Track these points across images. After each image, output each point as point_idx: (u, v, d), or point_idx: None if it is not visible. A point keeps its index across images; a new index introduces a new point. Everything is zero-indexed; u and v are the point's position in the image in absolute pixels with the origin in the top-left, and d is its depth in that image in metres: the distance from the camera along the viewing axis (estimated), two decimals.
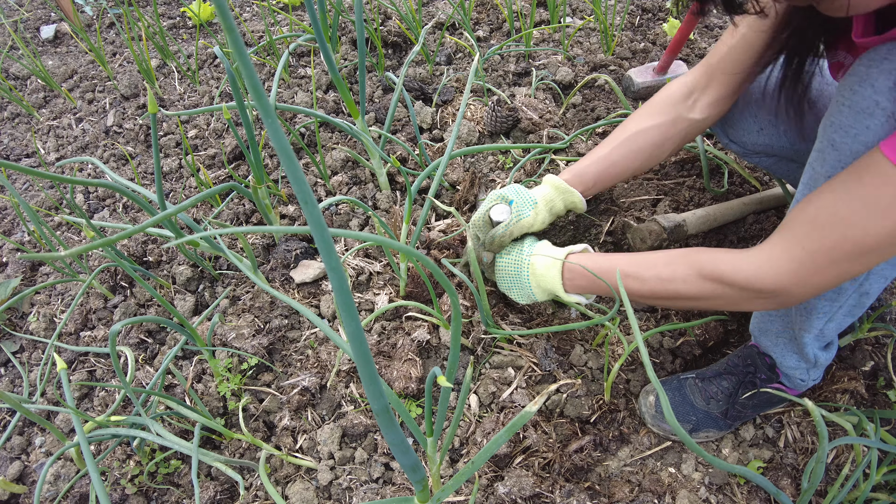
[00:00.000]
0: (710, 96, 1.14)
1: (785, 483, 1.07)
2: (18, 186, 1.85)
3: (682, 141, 1.19)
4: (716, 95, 1.13)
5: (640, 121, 1.18)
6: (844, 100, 0.75)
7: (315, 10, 1.12)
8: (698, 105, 1.15)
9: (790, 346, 1.02)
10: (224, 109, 1.09)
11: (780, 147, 1.16)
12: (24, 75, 2.21)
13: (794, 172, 1.22)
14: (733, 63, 1.07)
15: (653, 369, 0.75)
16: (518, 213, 1.14)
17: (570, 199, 1.19)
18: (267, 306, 1.36)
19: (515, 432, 0.87)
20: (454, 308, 0.59)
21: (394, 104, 1.44)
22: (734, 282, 0.85)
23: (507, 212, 1.16)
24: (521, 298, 1.16)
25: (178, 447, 1.01)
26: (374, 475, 1.10)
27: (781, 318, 1.01)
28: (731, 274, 0.85)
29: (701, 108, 1.15)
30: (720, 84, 1.12)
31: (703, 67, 1.13)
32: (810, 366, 1.03)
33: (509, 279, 1.16)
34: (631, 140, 1.17)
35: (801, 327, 0.96)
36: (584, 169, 1.20)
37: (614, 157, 1.18)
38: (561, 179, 1.19)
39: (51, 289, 1.52)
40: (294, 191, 0.34)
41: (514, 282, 1.15)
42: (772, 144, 1.17)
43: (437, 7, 2.17)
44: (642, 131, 1.17)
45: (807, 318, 0.94)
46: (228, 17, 0.27)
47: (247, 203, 1.59)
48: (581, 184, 1.19)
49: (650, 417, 1.14)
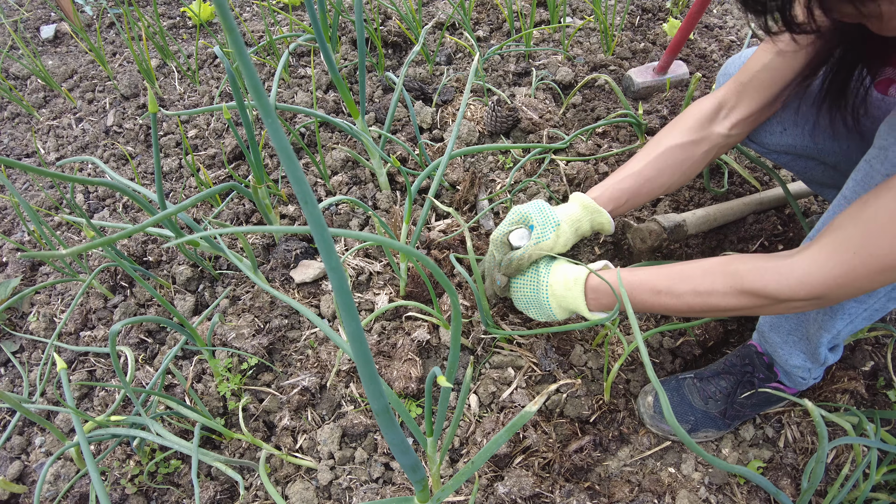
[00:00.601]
0: (739, 114, 1.10)
1: (785, 483, 1.07)
2: (18, 186, 1.85)
3: (713, 157, 1.16)
4: (746, 113, 1.09)
5: (675, 136, 1.13)
6: None
7: (315, 9, 1.12)
8: (727, 122, 1.11)
9: (800, 344, 1.01)
10: (224, 109, 1.09)
11: (804, 146, 1.13)
12: (24, 75, 2.21)
13: (811, 169, 1.19)
14: (765, 82, 1.03)
15: (653, 369, 0.75)
16: (538, 237, 1.08)
17: (599, 219, 1.13)
18: (267, 306, 1.36)
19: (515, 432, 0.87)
20: (454, 308, 0.59)
21: (394, 104, 1.44)
22: (778, 294, 0.82)
23: (527, 237, 1.10)
24: (541, 318, 1.12)
25: (178, 447, 1.01)
26: (374, 475, 1.10)
27: (796, 316, 0.99)
28: (775, 286, 0.82)
29: (730, 125, 1.11)
30: (751, 101, 1.07)
31: (734, 84, 1.09)
32: (816, 365, 1.02)
33: (526, 300, 1.11)
34: (665, 155, 1.12)
35: (820, 327, 0.94)
36: (615, 185, 1.14)
37: (648, 172, 1.13)
38: (590, 198, 1.13)
39: (51, 289, 1.52)
40: (294, 190, 0.34)
41: (532, 303, 1.10)
42: (794, 144, 1.13)
43: (437, 7, 2.17)
44: (678, 146, 1.12)
45: (831, 318, 0.92)
46: (229, 16, 0.27)
47: (247, 203, 1.59)
48: (612, 201, 1.13)
49: (649, 418, 1.14)
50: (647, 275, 0.97)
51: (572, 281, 1.03)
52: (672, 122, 1.17)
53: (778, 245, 1.39)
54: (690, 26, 1.59)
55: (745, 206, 1.43)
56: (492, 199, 1.53)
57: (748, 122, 1.11)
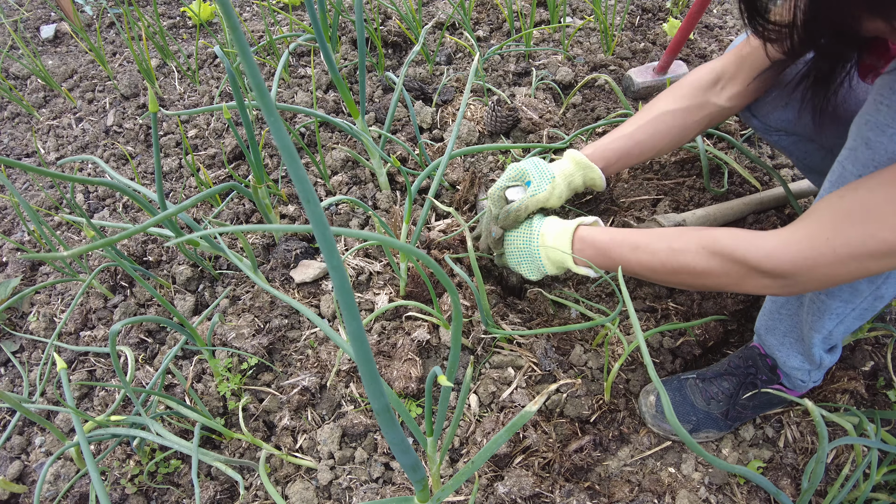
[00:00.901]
0: (738, 85, 1.11)
1: (785, 483, 1.07)
2: (18, 186, 1.85)
3: (706, 125, 1.18)
4: (744, 84, 1.11)
5: (668, 102, 1.16)
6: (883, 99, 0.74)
7: (315, 9, 1.12)
8: (725, 92, 1.13)
9: (796, 346, 1.02)
10: (224, 109, 1.09)
11: (804, 125, 1.13)
12: (24, 75, 2.21)
13: (812, 154, 1.20)
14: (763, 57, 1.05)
15: (654, 370, 0.75)
16: (534, 190, 1.13)
17: (590, 175, 1.18)
18: (267, 306, 1.36)
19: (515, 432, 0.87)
20: (455, 307, 0.59)
21: (394, 104, 1.44)
22: (746, 259, 0.84)
23: (523, 193, 1.15)
24: (532, 273, 1.15)
25: (178, 447, 1.01)
26: (374, 475, 1.10)
27: (790, 317, 1.00)
28: (744, 251, 0.84)
29: (728, 95, 1.13)
30: (749, 74, 1.09)
31: (734, 56, 1.11)
32: (814, 367, 1.03)
33: (519, 253, 1.15)
34: (657, 120, 1.16)
35: (811, 327, 0.95)
36: (606, 145, 1.18)
37: (639, 136, 1.17)
38: (582, 154, 1.17)
39: (51, 288, 1.52)
40: (296, 189, 0.34)
41: (525, 255, 1.14)
42: (795, 121, 1.14)
43: (437, 7, 2.17)
44: (669, 112, 1.15)
45: (819, 318, 0.93)
46: (232, 15, 0.27)
47: (247, 203, 1.59)
48: (603, 160, 1.17)
49: (650, 417, 1.14)
50: (630, 232, 1.01)
51: (562, 230, 1.07)
52: (670, 87, 1.20)
53: None
54: (690, 26, 1.59)
55: (745, 206, 1.43)
56: None
57: (745, 94, 1.12)
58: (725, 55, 1.13)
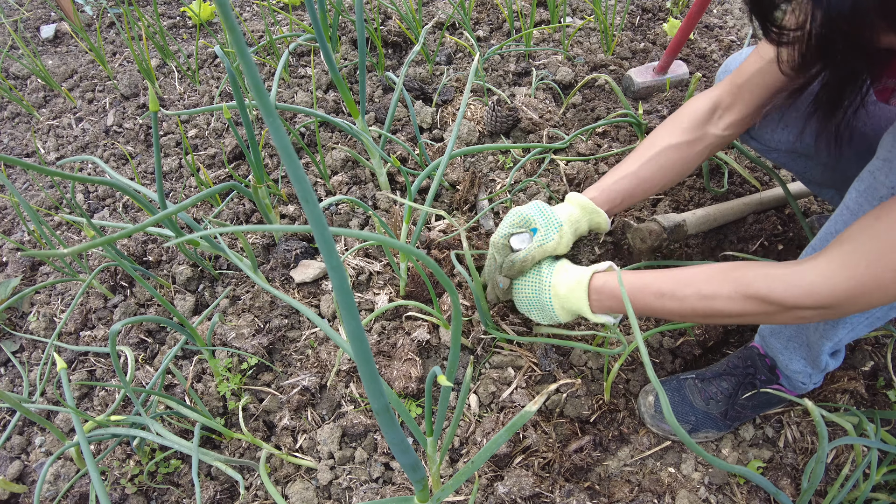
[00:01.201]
0: (734, 115, 1.10)
1: (785, 483, 1.07)
2: (18, 186, 1.85)
3: (707, 155, 1.16)
4: (740, 115, 1.09)
5: (668, 137, 1.14)
6: None
7: (315, 9, 1.12)
8: (722, 122, 1.11)
9: (800, 350, 1.01)
10: (224, 109, 1.09)
11: (804, 145, 1.12)
12: (24, 75, 2.21)
13: (810, 170, 1.19)
14: (759, 86, 1.03)
15: (653, 369, 0.75)
16: (541, 239, 1.07)
17: (596, 219, 1.14)
18: (267, 306, 1.36)
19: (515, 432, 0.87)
20: (455, 307, 0.59)
21: (394, 104, 1.44)
22: (783, 301, 0.80)
23: (528, 240, 1.10)
24: (543, 320, 1.11)
25: (178, 447, 1.01)
26: (374, 475, 1.10)
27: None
28: (781, 293, 0.81)
29: (725, 125, 1.11)
30: (745, 104, 1.07)
31: (729, 86, 1.09)
32: (817, 371, 1.02)
33: (529, 302, 1.10)
34: (661, 156, 1.13)
35: (822, 335, 0.94)
36: (611, 186, 1.14)
37: (643, 173, 1.13)
38: (587, 198, 1.13)
39: (51, 288, 1.52)
40: (295, 189, 0.34)
41: (535, 305, 1.10)
42: (793, 141, 1.13)
43: (437, 7, 2.17)
44: (672, 147, 1.12)
45: (833, 327, 0.92)
46: (230, 16, 0.27)
47: (247, 203, 1.59)
48: (608, 202, 1.14)
49: (649, 417, 1.14)
50: (652, 278, 0.95)
51: (575, 282, 1.02)
52: (667, 120, 1.18)
53: (778, 245, 1.39)
54: (690, 26, 1.59)
55: (745, 206, 1.43)
56: (492, 198, 1.52)
57: (743, 122, 1.11)
58: (720, 84, 1.11)
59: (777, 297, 0.81)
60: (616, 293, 0.97)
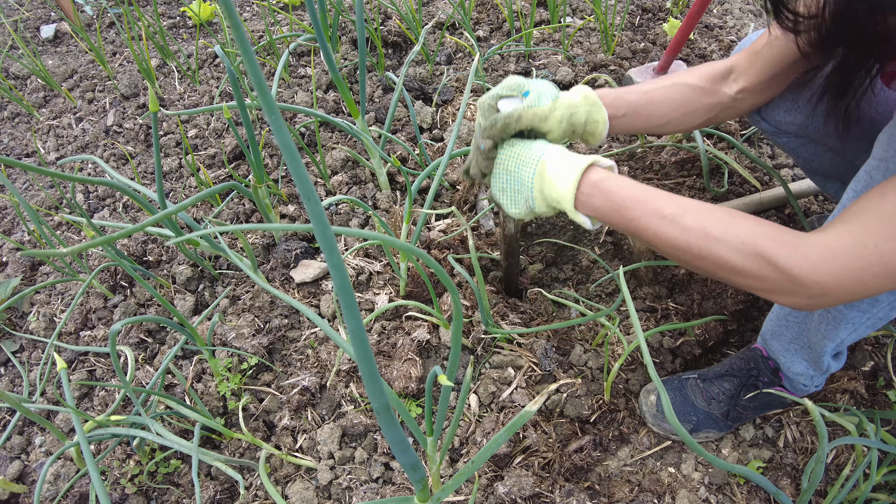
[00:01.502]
0: (747, 80, 1.08)
1: (785, 483, 1.07)
2: (18, 186, 1.85)
3: (713, 114, 1.13)
4: (754, 81, 1.07)
5: (686, 76, 1.12)
6: None
7: (315, 9, 1.12)
8: (736, 85, 1.10)
9: (802, 352, 1.01)
10: (224, 109, 1.09)
11: (814, 128, 1.10)
12: (24, 75, 2.21)
13: (820, 156, 1.18)
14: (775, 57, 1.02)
15: (655, 370, 0.75)
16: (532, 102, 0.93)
17: (595, 115, 1.01)
18: (267, 306, 1.36)
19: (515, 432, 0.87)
20: (455, 307, 0.59)
21: (394, 104, 1.44)
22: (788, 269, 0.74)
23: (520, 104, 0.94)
24: (515, 205, 0.94)
25: (178, 447, 1.01)
26: (374, 475, 1.10)
27: (798, 324, 0.99)
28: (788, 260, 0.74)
29: (738, 88, 1.09)
30: (760, 71, 1.05)
31: (749, 52, 1.08)
32: (819, 373, 1.02)
33: (507, 176, 0.94)
34: (674, 87, 1.10)
35: (824, 336, 0.93)
36: (620, 94, 1.06)
37: (654, 95, 1.08)
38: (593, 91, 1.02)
39: (51, 288, 1.52)
40: (297, 188, 0.34)
41: (513, 181, 0.93)
42: (805, 124, 1.11)
43: (437, 7, 2.18)
44: (687, 85, 1.10)
45: (834, 327, 0.91)
46: (234, 14, 0.27)
47: (247, 203, 1.59)
48: (612, 106, 1.03)
49: (651, 417, 1.14)
50: (655, 194, 0.83)
51: (568, 166, 0.86)
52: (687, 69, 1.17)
53: None
54: (690, 26, 1.59)
55: (745, 206, 1.43)
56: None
57: (755, 91, 1.10)
58: (738, 53, 1.11)
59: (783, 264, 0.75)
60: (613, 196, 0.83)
